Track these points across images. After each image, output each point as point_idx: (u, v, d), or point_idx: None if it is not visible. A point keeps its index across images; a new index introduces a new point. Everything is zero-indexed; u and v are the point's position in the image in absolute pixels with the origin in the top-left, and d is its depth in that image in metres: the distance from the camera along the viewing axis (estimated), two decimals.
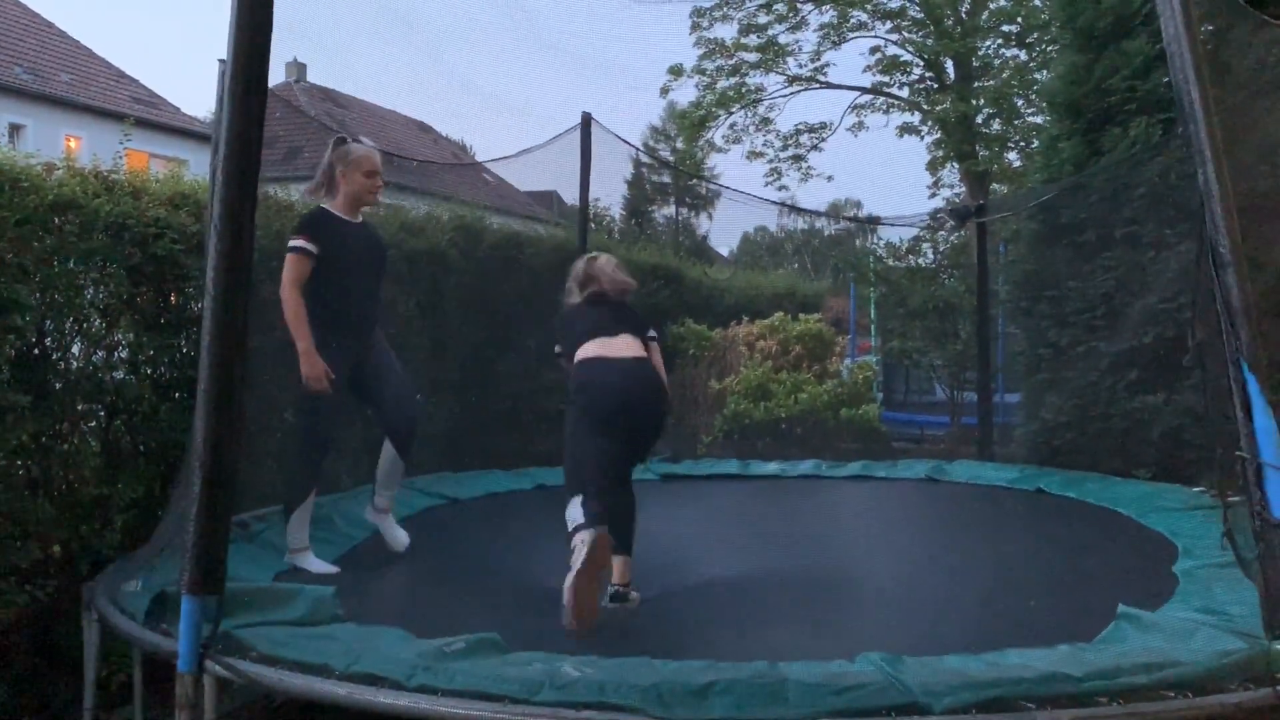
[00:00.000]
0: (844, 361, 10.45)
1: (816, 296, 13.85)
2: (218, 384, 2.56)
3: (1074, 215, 6.44)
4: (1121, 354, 6.03)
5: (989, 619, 3.47)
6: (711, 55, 17.57)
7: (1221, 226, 2.70)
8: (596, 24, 7.69)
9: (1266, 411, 2.60)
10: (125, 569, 3.55)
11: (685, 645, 3.13)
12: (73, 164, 4.23)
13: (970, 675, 2.45)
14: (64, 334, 3.99)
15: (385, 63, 9.37)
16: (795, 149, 18.51)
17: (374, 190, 4.37)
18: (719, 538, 5.07)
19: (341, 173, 4.27)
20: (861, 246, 14.07)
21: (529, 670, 2.49)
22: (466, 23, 6.79)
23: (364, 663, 2.54)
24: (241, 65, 2.61)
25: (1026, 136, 15.68)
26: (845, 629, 3.35)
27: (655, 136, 37.47)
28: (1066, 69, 6.64)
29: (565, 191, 9.98)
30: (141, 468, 4.19)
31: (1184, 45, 2.81)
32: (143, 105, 20.31)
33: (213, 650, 2.60)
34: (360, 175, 4.27)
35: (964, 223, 8.58)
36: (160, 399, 4.26)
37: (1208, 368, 3.08)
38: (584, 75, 10.54)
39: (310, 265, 4.09)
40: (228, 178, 2.60)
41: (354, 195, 4.29)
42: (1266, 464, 2.58)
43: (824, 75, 17.80)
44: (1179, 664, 2.49)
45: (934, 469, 6.45)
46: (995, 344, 8.99)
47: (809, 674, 2.45)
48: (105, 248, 3.98)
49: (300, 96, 22.91)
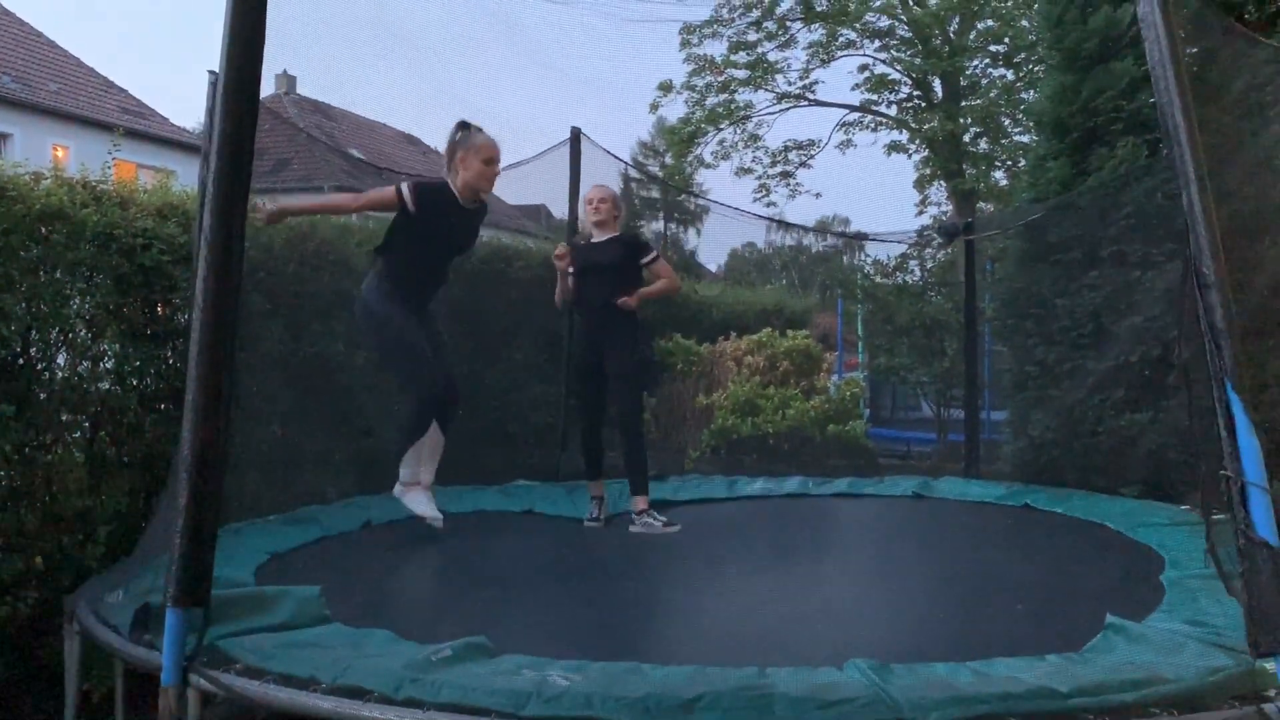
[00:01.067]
0: (831, 378, 10.47)
1: (804, 313, 13.88)
2: (205, 396, 2.56)
3: (1061, 234, 6.48)
4: (1108, 372, 6.06)
5: (977, 628, 3.48)
6: (701, 72, 17.69)
7: (1205, 247, 2.72)
8: (588, 41, 7.77)
9: (1250, 430, 2.62)
10: (108, 581, 3.52)
11: (675, 648, 3.12)
12: (60, 173, 4.22)
13: (957, 689, 2.45)
14: (49, 344, 3.97)
15: (375, 76, 9.45)
16: (784, 165, 18.67)
17: (489, 178, 4.55)
18: (707, 547, 5.08)
19: (461, 157, 4.44)
20: (849, 263, 14.13)
21: (517, 680, 2.48)
22: (458, 39, 6.82)
23: (351, 674, 2.53)
24: (233, 78, 2.62)
25: (1013, 155, 15.82)
26: (833, 636, 3.35)
27: (645, 152, 37.62)
28: (1053, 89, 6.69)
29: (554, 205, 9.98)
30: (126, 479, 4.17)
31: (1168, 69, 2.84)
32: (131, 115, 20.27)
33: (197, 663, 2.58)
34: (479, 161, 4.45)
35: (951, 240, 8.61)
36: (145, 410, 4.24)
37: (1192, 387, 3.10)
38: (574, 91, 10.58)
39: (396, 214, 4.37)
40: (218, 190, 2.60)
41: (469, 181, 4.47)
42: (1250, 483, 2.60)
43: (813, 93, 17.98)
44: (1166, 681, 2.49)
45: (920, 485, 6.46)
46: (982, 361, 9.03)
47: (796, 685, 2.45)
48: (92, 258, 3.97)
49: (290, 108, 22.90)
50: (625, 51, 8.93)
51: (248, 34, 2.63)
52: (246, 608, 3.01)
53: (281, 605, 3.06)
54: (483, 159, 4.44)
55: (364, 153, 18.42)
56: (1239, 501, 2.63)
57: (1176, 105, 2.83)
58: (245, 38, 2.63)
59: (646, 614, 3.70)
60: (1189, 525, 4.61)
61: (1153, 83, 2.92)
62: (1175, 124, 2.83)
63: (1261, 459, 2.64)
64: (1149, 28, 2.91)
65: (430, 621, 3.30)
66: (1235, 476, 2.63)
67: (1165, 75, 2.86)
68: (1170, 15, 2.90)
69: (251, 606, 3.03)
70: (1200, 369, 2.79)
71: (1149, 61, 2.93)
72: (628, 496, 5.35)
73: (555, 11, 6.00)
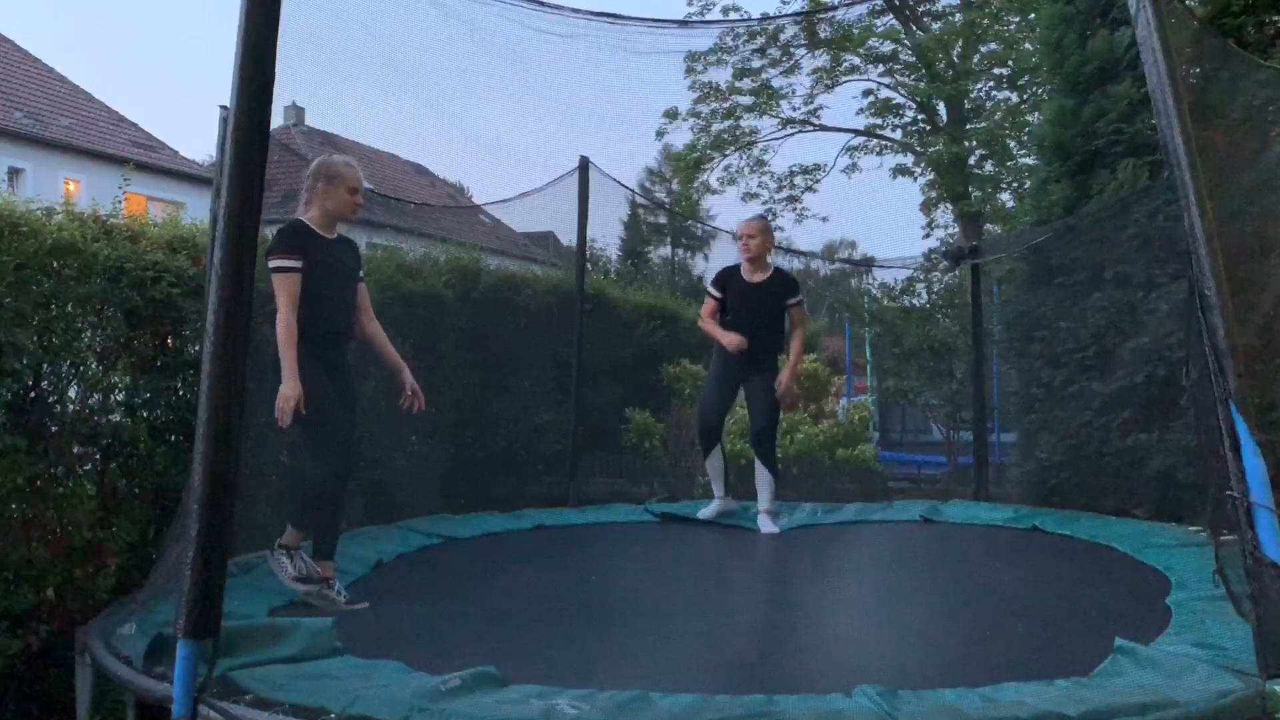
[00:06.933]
0: (840, 401, 10.48)
1: (812, 337, 13.90)
2: (216, 427, 2.58)
3: (1064, 256, 6.50)
4: (1114, 393, 6.05)
5: (985, 652, 3.46)
6: (706, 99, 17.77)
7: (1207, 269, 2.73)
8: (593, 72, 7.82)
9: (1255, 451, 2.62)
10: (119, 613, 3.54)
11: (683, 676, 3.12)
12: (71, 208, 4.27)
13: (966, 715, 2.45)
14: (60, 377, 4.00)
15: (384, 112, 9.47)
16: (790, 190, 18.70)
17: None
18: (714, 574, 5.07)
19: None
20: (857, 287, 14.15)
21: (525, 709, 2.48)
22: (466, 73, 6.91)
23: (360, 704, 2.53)
24: (244, 113, 2.66)
25: (1019, 177, 15.83)
26: (841, 662, 3.34)
27: (651, 178, 37.75)
28: (1054, 112, 6.72)
29: (562, 232, 10.03)
30: (137, 511, 4.19)
31: (1167, 92, 2.86)
32: (141, 149, 20.45)
33: (208, 694, 2.59)
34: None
35: (957, 264, 8.63)
36: (156, 442, 4.26)
37: (1199, 408, 3.11)
38: (580, 121, 10.64)
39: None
40: (229, 223, 2.63)
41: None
42: (1256, 504, 2.60)
43: (817, 118, 18.03)
44: (1175, 704, 2.49)
45: (929, 510, 6.44)
46: (990, 384, 9.02)
47: (804, 712, 2.45)
48: (103, 291, 4.00)
49: (299, 140, 23.08)
50: (630, 82, 9.08)
51: (258, 69, 2.67)
52: (259, 639, 3.02)
53: (294, 637, 3.07)
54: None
55: (373, 183, 18.52)
56: (1245, 522, 2.63)
57: (1176, 128, 2.85)
58: (255, 73, 2.67)
59: (654, 641, 3.69)
60: (1197, 546, 4.59)
61: (1152, 105, 2.94)
62: (1175, 146, 2.85)
63: (1268, 479, 2.64)
64: (1147, 51, 2.94)
65: (440, 651, 3.30)
66: (1241, 497, 2.64)
67: (1164, 98, 2.88)
68: (1168, 38, 2.93)
69: (264, 638, 3.04)
70: (1206, 390, 2.80)
71: (1148, 84, 2.95)
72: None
73: (559, 44, 6.09)
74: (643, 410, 8.35)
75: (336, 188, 4.22)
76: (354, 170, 4.32)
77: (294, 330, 3.95)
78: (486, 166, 9.41)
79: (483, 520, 5.97)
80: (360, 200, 4.34)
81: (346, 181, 4.25)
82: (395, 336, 5.88)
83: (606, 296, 8.85)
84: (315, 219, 4.22)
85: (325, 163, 4.29)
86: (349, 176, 4.27)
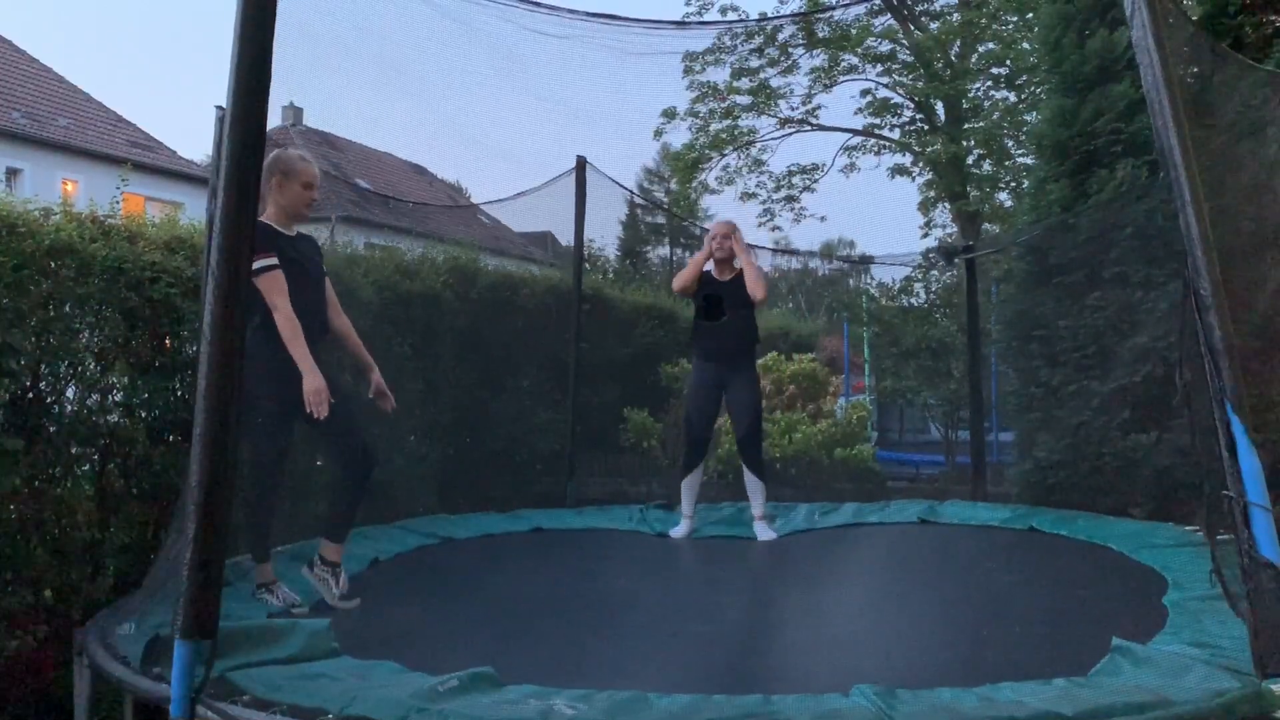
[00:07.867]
0: (838, 401, 10.48)
1: (810, 336, 13.92)
2: (213, 427, 2.58)
3: (1063, 256, 6.50)
4: (1112, 393, 6.06)
5: (983, 652, 3.47)
6: (704, 98, 17.76)
7: (1203, 269, 2.74)
8: (591, 73, 7.81)
9: (1251, 451, 2.63)
10: (117, 614, 3.54)
11: (680, 677, 3.12)
12: (69, 208, 4.26)
13: (963, 714, 2.45)
14: (59, 377, 4.00)
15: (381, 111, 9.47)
16: (788, 190, 18.69)
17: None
18: (712, 575, 5.07)
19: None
20: (855, 286, 14.15)
21: (523, 709, 2.49)
22: (461, 73, 6.91)
23: (358, 705, 2.54)
24: (240, 113, 2.65)
25: (1017, 177, 15.82)
26: (839, 662, 3.35)
27: (649, 178, 37.74)
28: (1053, 112, 6.73)
29: (560, 232, 10.03)
30: (135, 511, 4.19)
31: (1163, 93, 2.87)
32: (139, 149, 20.45)
33: (206, 695, 2.59)
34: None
35: (951, 260, 8.64)
36: (154, 442, 4.26)
37: (1194, 408, 3.11)
38: (577, 121, 10.62)
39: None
40: (226, 223, 2.63)
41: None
42: (1253, 503, 2.61)
43: (816, 117, 18.02)
44: (1171, 704, 2.49)
45: (926, 510, 6.44)
46: (988, 383, 9.02)
47: (802, 712, 2.45)
48: (101, 292, 4.00)
49: (297, 140, 23.09)
50: (628, 82, 9.05)
51: (254, 69, 2.67)
52: (256, 640, 3.02)
53: (291, 638, 3.07)
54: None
55: (371, 183, 18.50)
56: (1242, 522, 2.63)
57: (1172, 129, 2.86)
58: (252, 73, 2.67)
59: (652, 642, 3.69)
60: (1193, 546, 4.60)
61: (1148, 106, 2.95)
62: (1170, 147, 2.86)
63: (1263, 479, 2.64)
64: (1143, 52, 2.95)
65: (437, 651, 3.31)
66: (1238, 497, 2.64)
67: (1160, 99, 2.89)
68: (1164, 40, 2.93)
69: (261, 639, 3.04)
70: (1202, 390, 2.80)
71: (1144, 85, 2.96)
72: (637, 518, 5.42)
73: (555, 45, 6.08)
74: (641, 410, 8.36)
75: (291, 183, 4.13)
76: (309, 165, 4.23)
77: (297, 323, 3.90)
78: (485, 167, 9.42)
79: (480, 521, 5.98)
80: (315, 196, 4.23)
81: (301, 177, 4.15)
82: (394, 336, 5.91)
83: (604, 296, 8.86)
84: (273, 216, 4.11)
85: (279, 157, 4.16)
86: (304, 172, 4.17)
